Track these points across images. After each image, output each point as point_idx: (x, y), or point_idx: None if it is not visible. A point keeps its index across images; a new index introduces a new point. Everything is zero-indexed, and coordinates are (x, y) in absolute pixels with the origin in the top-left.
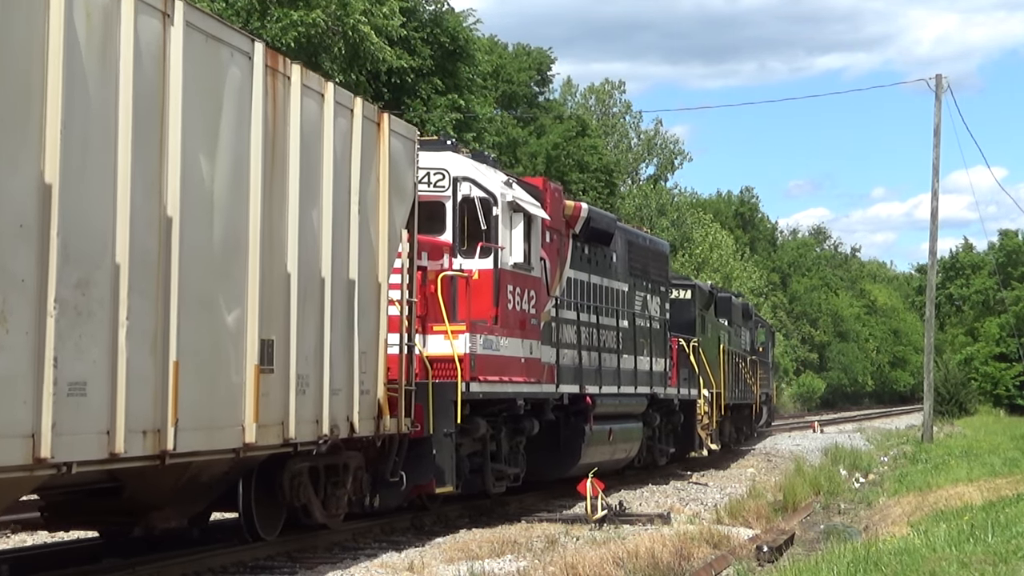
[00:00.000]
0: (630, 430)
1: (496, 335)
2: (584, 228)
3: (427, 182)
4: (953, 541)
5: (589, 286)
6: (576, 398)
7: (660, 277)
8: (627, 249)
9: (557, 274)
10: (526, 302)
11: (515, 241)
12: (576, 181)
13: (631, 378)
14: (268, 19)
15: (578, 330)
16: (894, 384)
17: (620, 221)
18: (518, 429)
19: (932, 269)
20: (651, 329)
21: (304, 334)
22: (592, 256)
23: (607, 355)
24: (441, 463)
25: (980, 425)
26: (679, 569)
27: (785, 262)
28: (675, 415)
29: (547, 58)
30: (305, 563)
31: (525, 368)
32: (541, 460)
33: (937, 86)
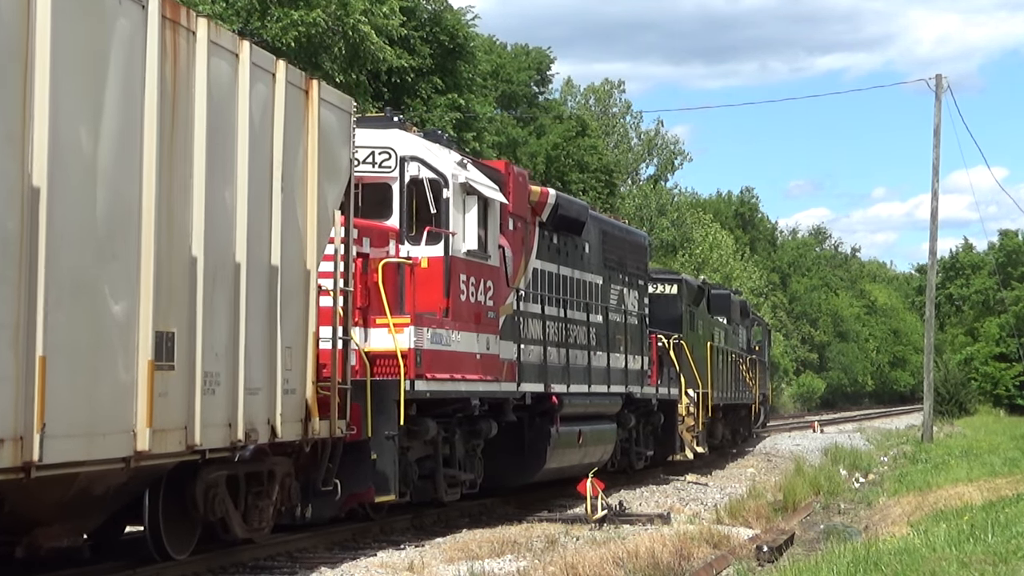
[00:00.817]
0: (602, 432)
1: (447, 329)
2: (552, 216)
3: (372, 162)
4: (953, 541)
5: (558, 278)
6: (541, 398)
7: (638, 270)
8: (601, 240)
9: (521, 264)
10: (482, 293)
11: (468, 226)
12: (576, 181)
13: (604, 376)
14: (268, 19)
15: (544, 325)
16: (894, 384)
17: (594, 210)
18: (474, 431)
19: (932, 269)
20: (627, 325)
21: (213, 326)
22: (562, 246)
23: (577, 352)
24: (382, 469)
25: (980, 425)
26: (679, 569)
27: (785, 262)
28: (654, 416)
29: (546, 58)
30: (305, 563)
31: (481, 365)
32: (503, 465)
33: (937, 86)
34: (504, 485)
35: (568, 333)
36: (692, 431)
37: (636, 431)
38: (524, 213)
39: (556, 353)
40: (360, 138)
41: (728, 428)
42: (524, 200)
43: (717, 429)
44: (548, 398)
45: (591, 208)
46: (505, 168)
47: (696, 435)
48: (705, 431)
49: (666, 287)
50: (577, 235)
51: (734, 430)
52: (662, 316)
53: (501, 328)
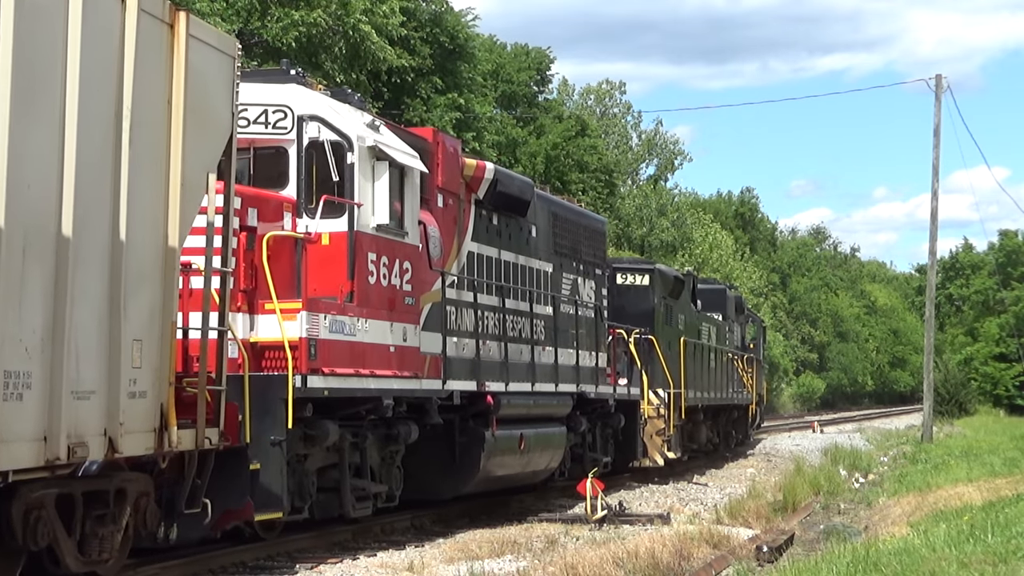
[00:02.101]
0: (549, 436)
1: (351, 316)
2: (490, 193)
3: (265, 122)
4: (953, 541)
5: (499, 263)
6: (474, 397)
7: (595, 258)
8: (551, 223)
9: (453, 247)
10: (397, 276)
11: (379, 197)
12: (576, 181)
13: (551, 374)
14: (268, 19)
15: (480, 315)
16: (894, 384)
17: (542, 189)
18: (391, 437)
19: (932, 269)
20: (580, 317)
21: (21, 313)
22: (503, 228)
23: (518, 346)
24: (267, 481)
25: (980, 425)
26: (679, 569)
27: (785, 262)
28: (612, 418)
29: (546, 58)
30: (305, 563)
31: (396, 359)
32: (432, 474)
33: (937, 86)
34: (433, 497)
35: (509, 325)
36: (662, 434)
37: (592, 435)
38: (456, 189)
39: (494, 347)
40: (252, 95)
41: (717, 431)
42: (456, 174)
43: (700, 432)
44: (482, 398)
45: (539, 187)
46: (433, 136)
47: (667, 439)
48: (678, 434)
49: (636, 277)
50: (521, 216)
51: (725, 433)
52: (632, 309)
53: (425, 317)
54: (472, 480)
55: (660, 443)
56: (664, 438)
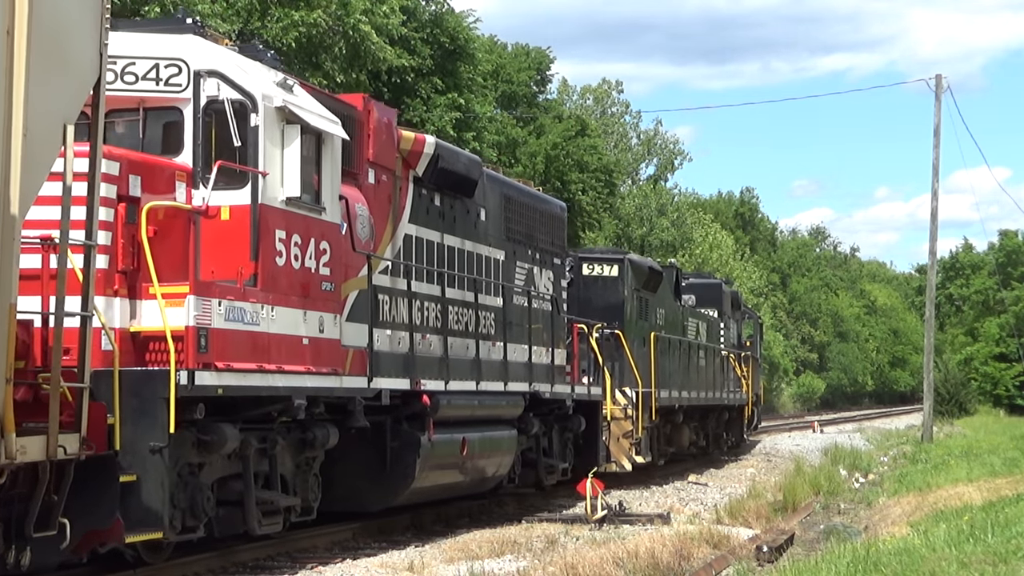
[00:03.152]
0: (497, 440)
1: (253, 302)
2: (431, 170)
3: (156, 78)
4: (953, 541)
5: (442, 249)
6: (408, 397)
7: (553, 246)
8: (503, 206)
9: (387, 228)
10: (312, 258)
11: (289, 166)
12: (576, 181)
13: (499, 372)
14: (268, 19)
15: (418, 305)
16: (894, 384)
17: (494, 169)
18: (306, 442)
19: (932, 269)
20: (535, 310)
21: None
22: (447, 210)
23: (462, 340)
24: (144, 496)
25: (980, 425)
26: (679, 569)
27: (785, 262)
28: (571, 420)
29: (546, 58)
30: (305, 563)
31: (310, 352)
32: (360, 483)
33: (937, 86)
34: (359, 509)
35: (452, 318)
36: (629, 437)
37: (548, 439)
38: (391, 164)
39: (434, 341)
40: (143, 46)
41: (705, 433)
42: (391, 147)
43: (682, 434)
44: (418, 398)
45: (490, 167)
46: (363, 103)
47: (635, 442)
48: (648, 436)
49: (605, 268)
50: (468, 197)
51: (715, 435)
52: (600, 302)
53: (350, 306)
54: (405, 490)
55: (627, 446)
56: (632, 441)
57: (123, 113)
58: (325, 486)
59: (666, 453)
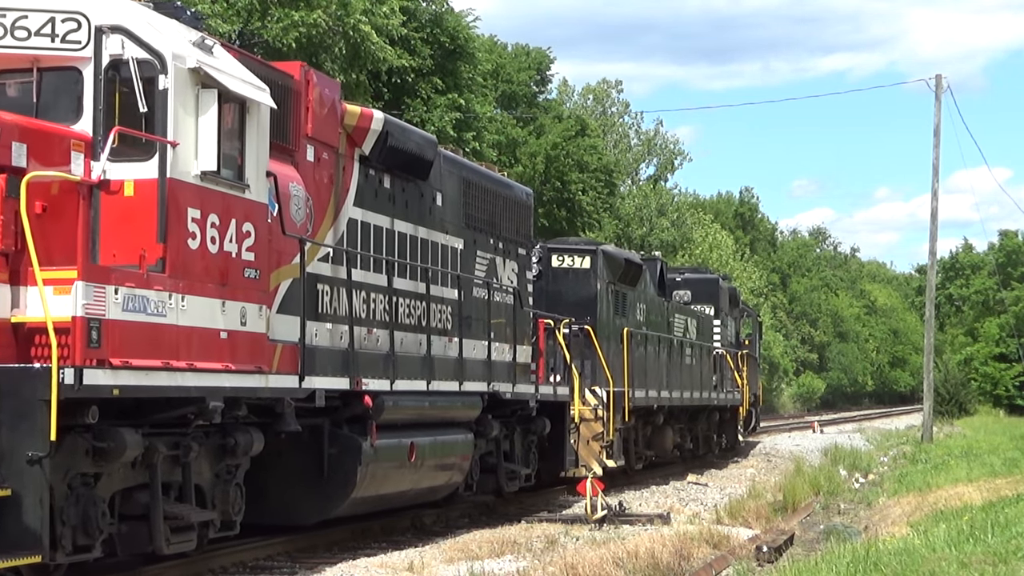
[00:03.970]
0: (450, 445)
1: (159, 290)
2: (380, 149)
3: (52, 34)
4: (953, 541)
5: (392, 235)
6: (349, 398)
7: (518, 235)
8: (462, 190)
9: (328, 211)
10: (234, 241)
11: (204, 136)
12: (576, 181)
13: (454, 370)
14: (269, 19)
15: (365, 297)
16: (894, 384)
17: (451, 150)
18: (225, 448)
19: (932, 269)
20: (497, 304)
21: None
22: (398, 193)
23: (414, 336)
24: (23, 513)
25: (980, 425)
26: (679, 569)
27: (785, 262)
28: (535, 422)
29: (546, 58)
30: (305, 563)
31: (229, 348)
32: (293, 493)
33: (937, 86)
34: (293, 522)
35: (401, 310)
36: (600, 440)
37: (510, 442)
38: (334, 141)
39: (382, 336)
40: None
41: (694, 435)
42: (333, 122)
43: (664, 436)
44: (359, 398)
45: (448, 148)
46: (301, 72)
47: (605, 445)
48: (621, 439)
49: (576, 260)
50: (421, 179)
51: (705, 437)
52: (570, 296)
53: (282, 297)
54: (345, 500)
55: (597, 449)
56: (602, 444)
57: (14, 74)
58: (256, 496)
59: (644, 457)
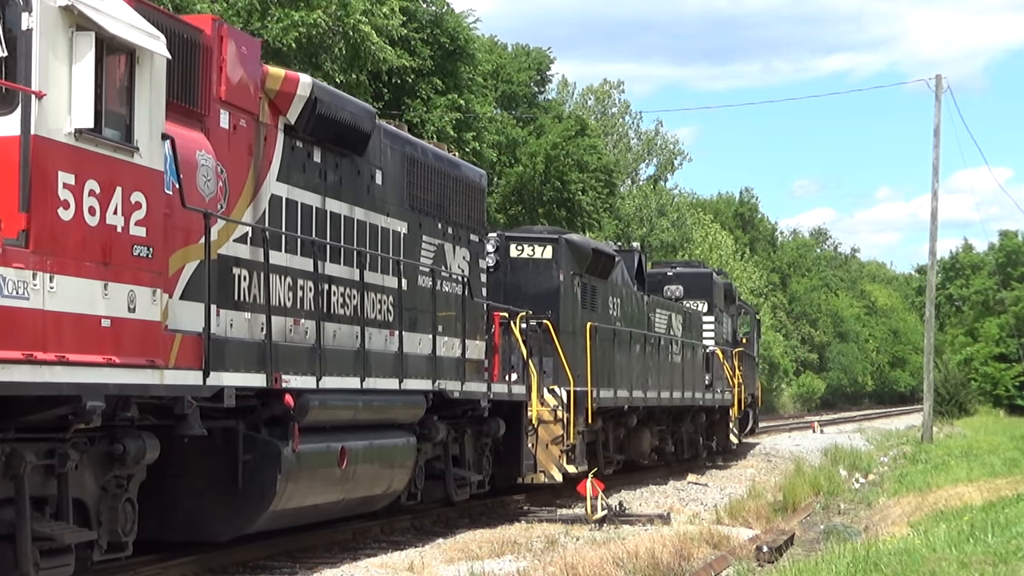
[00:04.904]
0: (389, 449)
1: (19, 267)
2: (308, 117)
3: None
4: (953, 541)
5: (322, 215)
6: (268, 397)
7: (471, 220)
8: (405, 168)
9: (246, 186)
10: (119, 213)
11: (79, 87)
12: (576, 181)
13: (393, 366)
14: (269, 19)
15: (291, 283)
16: (894, 384)
17: (394, 125)
18: (111, 456)
19: (932, 269)
20: (444, 294)
21: None
22: (330, 169)
23: (346, 328)
24: None
25: (980, 425)
26: (679, 569)
27: (785, 263)
28: (488, 424)
29: (546, 58)
30: (305, 563)
31: (113, 338)
32: (203, 506)
33: (937, 86)
34: (203, 539)
35: (337, 300)
36: (560, 443)
37: (460, 446)
38: (252, 106)
39: (307, 328)
40: None
41: (678, 438)
42: (253, 85)
43: (641, 439)
44: (279, 397)
45: (392, 123)
46: (213, 27)
47: (566, 448)
48: (583, 442)
49: (536, 249)
50: (358, 154)
51: (690, 440)
52: (530, 289)
53: (186, 281)
54: (262, 514)
55: (557, 454)
56: (563, 448)
57: None
58: (163, 510)
59: (614, 461)
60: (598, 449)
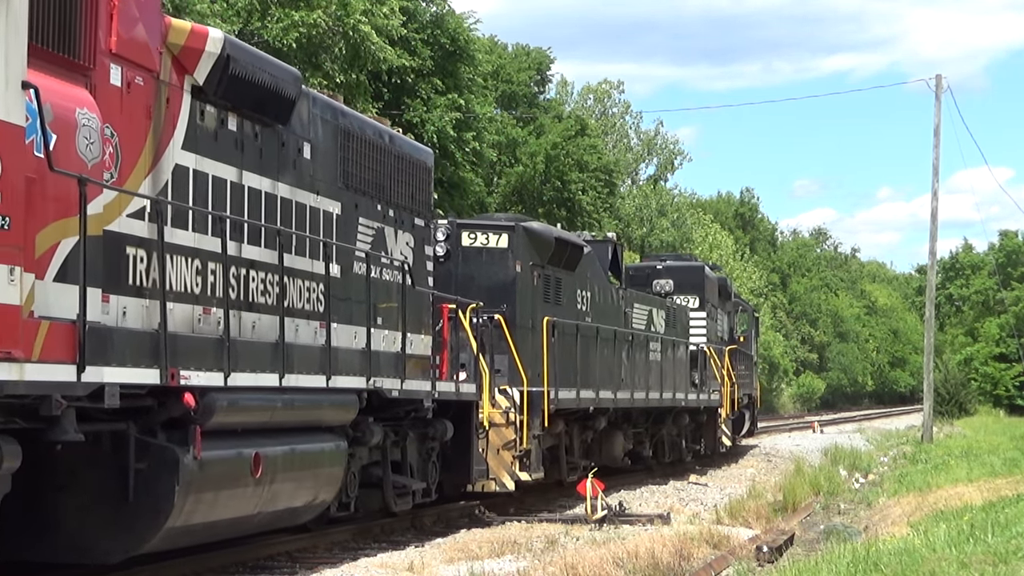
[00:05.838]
0: (314, 455)
1: None
2: (219, 77)
3: None
4: (953, 541)
5: (239, 191)
6: (164, 396)
7: (415, 203)
8: (339, 143)
9: (143, 153)
10: None
11: None
12: (576, 181)
13: (318, 361)
14: (269, 19)
15: (199, 267)
16: (894, 384)
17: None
18: None
19: (932, 269)
20: (383, 283)
21: None
22: (247, 138)
23: (267, 318)
24: None
25: (980, 425)
26: (679, 569)
27: (785, 263)
28: (434, 426)
29: (546, 58)
30: (305, 563)
31: None
32: (91, 524)
33: (937, 86)
34: (90, 560)
35: (252, 286)
36: (512, 448)
37: (401, 451)
38: (150, 62)
39: (217, 317)
40: None
41: (651, 442)
42: (152, 38)
43: (613, 443)
44: (179, 396)
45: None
46: None
47: (519, 454)
48: (540, 447)
49: (490, 237)
50: (281, 123)
51: (671, 443)
52: (484, 280)
53: (63, 259)
54: (157, 531)
55: (509, 459)
56: (515, 453)
57: None
58: (45, 528)
59: (580, 467)
60: (560, 454)
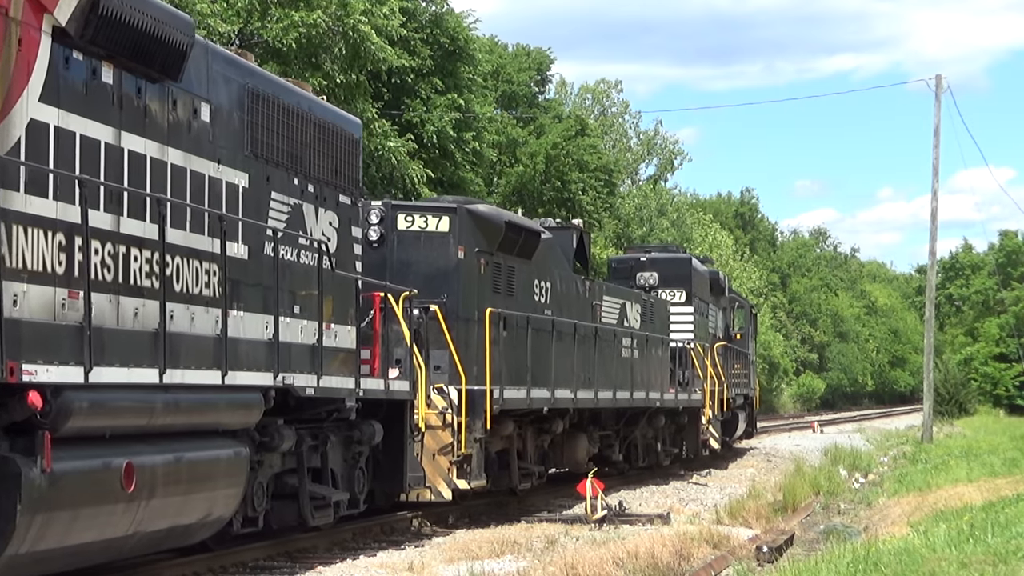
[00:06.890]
0: (206, 463)
1: None
2: (88, 18)
3: None
4: (953, 541)
5: (117, 155)
6: (4, 396)
7: (339, 177)
8: (247, 106)
9: None
10: None
11: None
12: (576, 180)
13: (212, 354)
14: (268, 19)
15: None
16: (894, 384)
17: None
18: None
19: (932, 269)
20: (296, 265)
21: None
22: (127, 93)
23: (151, 304)
24: None
25: (980, 425)
26: (679, 569)
27: (785, 262)
28: (360, 429)
29: (547, 58)
30: (305, 563)
31: None
32: None
33: (937, 86)
34: None
35: (133, 266)
36: (448, 454)
37: (321, 457)
38: None
39: (80, 302)
40: None
41: (621, 445)
42: None
43: (576, 447)
44: (19, 395)
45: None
46: None
47: (456, 460)
48: (482, 449)
49: (429, 221)
50: (171, 78)
51: (645, 446)
52: (422, 267)
53: None
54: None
55: (446, 466)
56: (452, 459)
57: None
58: None
59: (533, 474)
60: (512, 459)
